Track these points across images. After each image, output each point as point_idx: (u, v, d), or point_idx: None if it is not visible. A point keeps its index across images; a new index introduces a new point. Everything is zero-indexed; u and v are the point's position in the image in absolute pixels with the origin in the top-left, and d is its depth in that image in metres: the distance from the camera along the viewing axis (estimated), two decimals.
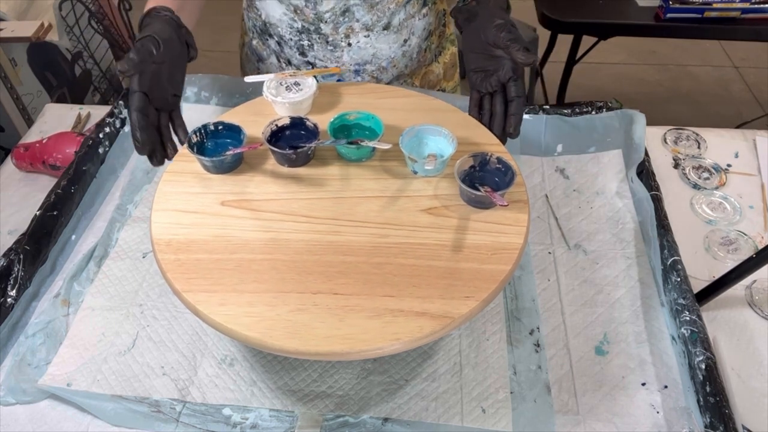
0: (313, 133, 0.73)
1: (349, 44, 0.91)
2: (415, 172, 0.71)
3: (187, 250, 0.62)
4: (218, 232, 0.64)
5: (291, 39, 0.92)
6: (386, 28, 0.91)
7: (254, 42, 0.99)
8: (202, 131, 0.73)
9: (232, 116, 0.79)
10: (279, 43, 0.94)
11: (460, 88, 1.13)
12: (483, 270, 0.61)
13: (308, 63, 0.94)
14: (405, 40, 0.94)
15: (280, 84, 0.80)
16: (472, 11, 0.76)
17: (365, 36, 0.91)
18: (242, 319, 0.56)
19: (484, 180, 0.69)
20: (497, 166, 0.69)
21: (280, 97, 0.77)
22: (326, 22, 0.89)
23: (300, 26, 0.90)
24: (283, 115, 0.77)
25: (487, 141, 0.74)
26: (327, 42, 0.91)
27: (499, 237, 0.64)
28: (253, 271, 0.61)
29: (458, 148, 0.70)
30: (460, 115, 0.79)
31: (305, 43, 0.92)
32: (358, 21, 0.89)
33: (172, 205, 0.68)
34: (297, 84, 0.80)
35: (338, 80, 0.95)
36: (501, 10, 0.75)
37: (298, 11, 0.89)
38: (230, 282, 0.60)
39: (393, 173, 0.72)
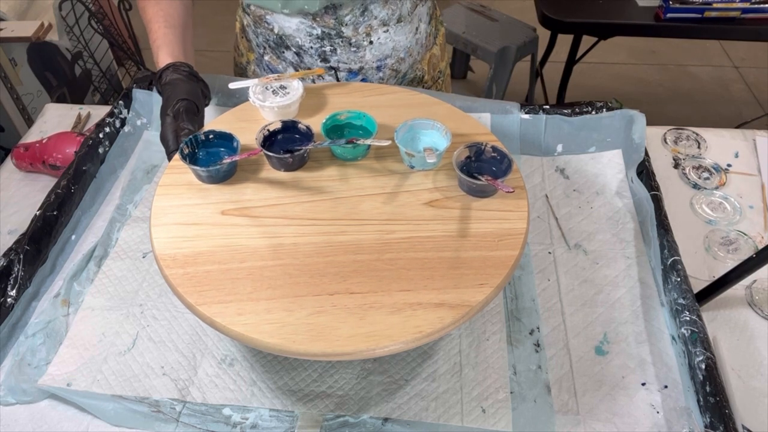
0: (307, 135, 0.73)
1: (371, 42, 0.92)
2: (412, 167, 0.71)
3: (194, 263, 0.62)
4: (223, 242, 0.64)
5: (311, 47, 0.92)
6: (400, 20, 0.92)
7: (266, 57, 0.99)
8: (193, 141, 0.72)
9: (220, 123, 0.78)
10: (298, 54, 0.94)
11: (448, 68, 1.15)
12: (492, 257, 0.62)
13: (331, 68, 0.94)
14: (416, 28, 0.96)
15: (266, 88, 0.79)
16: None
17: (384, 31, 0.92)
18: (263, 327, 0.56)
19: (481, 169, 0.70)
20: (493, 154, 0.70)
21: (267, 102, 0.77)
22: (347, 24, 0.89)
23: (320, 32, 0.90)
24: (271, 119, 0.77)
25: (475, 131, 0.76)
26: (350, 44, 0.92)
27: (503, 224, 0.65)
28: (266, 278, 0.61)
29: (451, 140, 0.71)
30: (446, 107, 0.80)
31: (327, 48, 0.92)
32: (376, 18, 0.90)
33: (171, 218, 0.67)
34: (283, 87, 0.79)
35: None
36: None
37: (317, 18, 0.89)
38: (244, 291, 0.60)
39: (389, 170, 0.72)
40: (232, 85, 0.83)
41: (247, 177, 0.72)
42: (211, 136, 0.73)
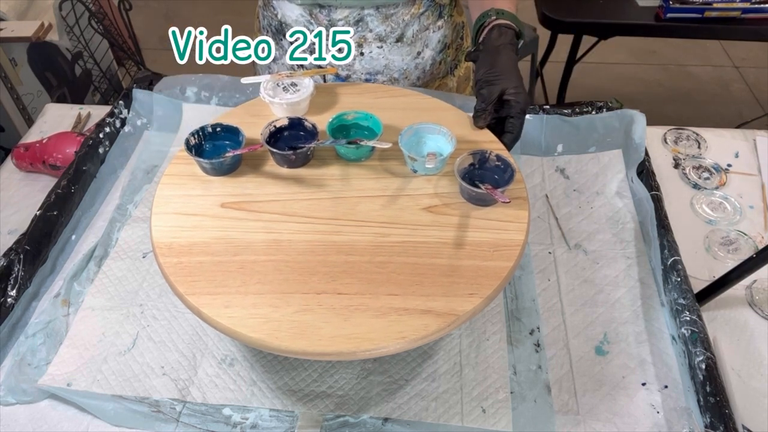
0: (312, 133, 0.73)
1: (362, 53, 0.91)
2: (415, 171, 0.71)
3: (188, 253, 0.62)
4: (220, 235, 0.64)
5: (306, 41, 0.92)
6: (399, 39, 0.91)
7: None
8: (200, 133, 0.73)
9: (229, 117, 0.78)
10: (293, 44, 0.94)
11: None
12: (485, 267, 0.61)
13: (320, 67, 0.94)
14: (418, 53, 0.94)
15: (277, 85, 0.80)
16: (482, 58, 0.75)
17: (378, 47, 0.91)
18: (247, 321, 0.56)
19: (483, 177, 0.69)
20: (496, 163, 0.69)
21: (277, 98, 0.77)
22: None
23: (316, 29, 0.90)
24: (280, 116, 0.77)
25: (484, 138, 0.75)
26: (339, 50, 0.91)
27: (500, 234, 0.64)
28: (257, 273, 0.61)
29: (456, 146, 0.70)
30: (457, 113, 0.79)
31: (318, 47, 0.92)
32: (371, 31, 0.89)
33: (172, 208, 0.67)
34: (294, 85, 0.80)
35: (341, 80, 0.96)
36: (509, 58, 0.74)
37: (314, 15, 0.89)
38: (234, 284, 0.60)
39: (392, 172, 0.72)
40: (245, 80, 0.83)
41: (251, 171, 0.72)
42: (218, 129, 0.74)
